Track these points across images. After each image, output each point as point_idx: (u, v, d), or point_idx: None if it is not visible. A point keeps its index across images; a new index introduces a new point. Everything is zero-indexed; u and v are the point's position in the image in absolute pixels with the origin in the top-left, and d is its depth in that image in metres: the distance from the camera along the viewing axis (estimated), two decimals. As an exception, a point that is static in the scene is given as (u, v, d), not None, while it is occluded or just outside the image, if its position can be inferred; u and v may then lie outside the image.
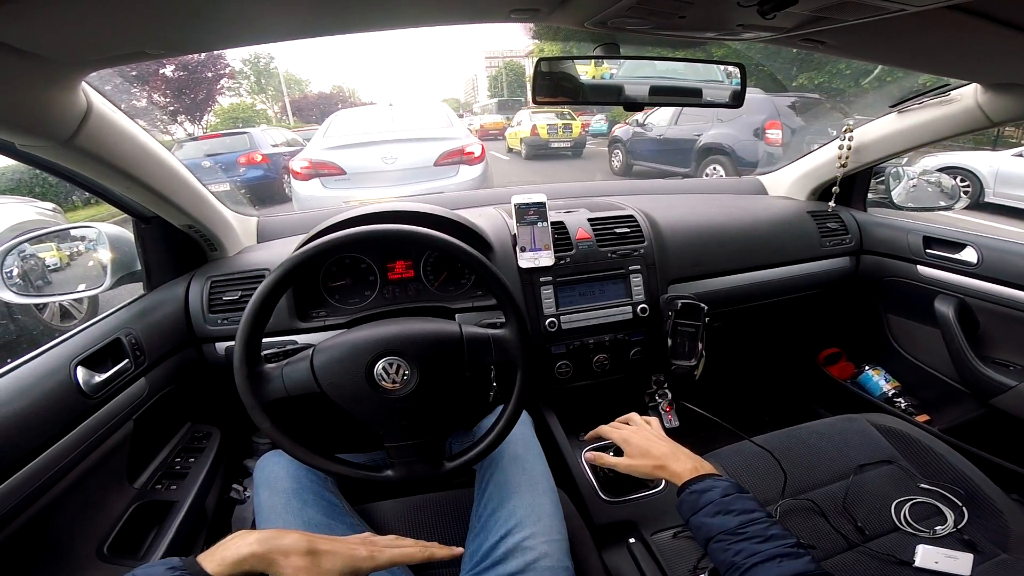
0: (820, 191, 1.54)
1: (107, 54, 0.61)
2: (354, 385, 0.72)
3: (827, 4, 0.53)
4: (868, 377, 1.51)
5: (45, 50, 0.56)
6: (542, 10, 0.62)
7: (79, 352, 0.83)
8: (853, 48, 0.78)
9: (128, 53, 0.62)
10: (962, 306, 1.26)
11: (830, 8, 0.55)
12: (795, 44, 0.73)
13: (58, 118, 0.68)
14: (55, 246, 1.02)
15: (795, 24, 0.61)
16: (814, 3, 0.53)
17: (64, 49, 0.57)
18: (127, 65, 0.65)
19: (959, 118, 1.10)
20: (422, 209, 1.08)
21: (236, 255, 1.19)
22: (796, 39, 0.69)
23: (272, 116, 32.98)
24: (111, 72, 0.73)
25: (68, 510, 0.80)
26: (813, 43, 0.71)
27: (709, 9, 0.59)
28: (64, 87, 0.66)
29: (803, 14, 0.56)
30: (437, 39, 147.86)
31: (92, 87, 0.73)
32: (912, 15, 0.54)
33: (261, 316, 0.71)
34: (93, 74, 0.68)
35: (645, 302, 1.16)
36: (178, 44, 0.64)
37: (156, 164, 0.91)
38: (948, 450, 1.00)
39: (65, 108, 0.68)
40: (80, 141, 0.72)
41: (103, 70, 0.66)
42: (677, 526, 1.02)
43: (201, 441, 1.12)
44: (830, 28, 0.62)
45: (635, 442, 0.82)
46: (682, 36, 0.71)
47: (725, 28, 0.66)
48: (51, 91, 0.64)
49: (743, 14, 0.58)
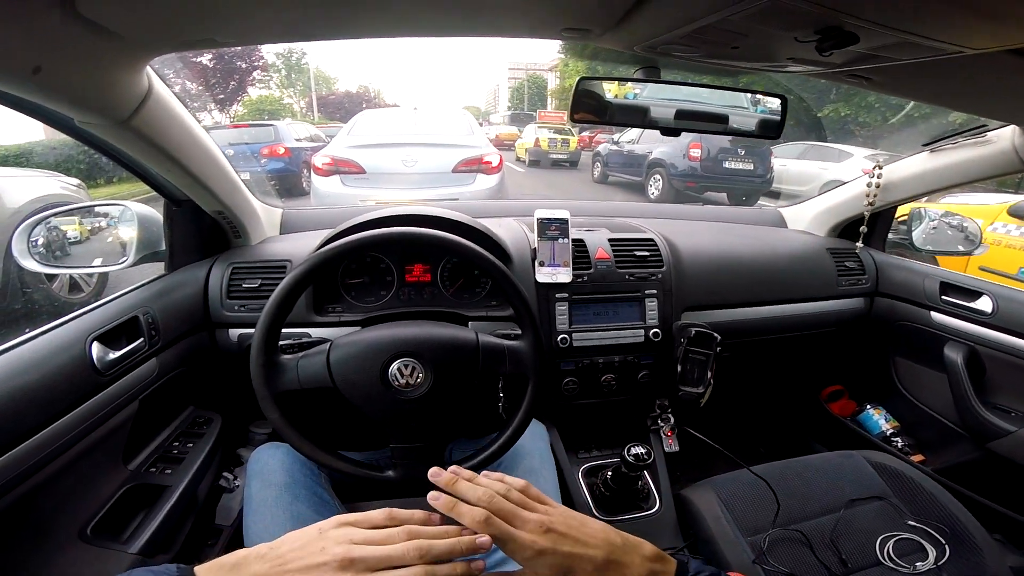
0: (841, 228, 1.53)
1: (179, 39, 0.63)
2: (368, 383, 0.72)
3: (887, 43, 0.53)
4: (868, 416, 1.51)
5: (123, 29, 0.57)
6: (594, 31, 0.63)
7: (96, 327, 0.83)
8: (898, 85, 0.78)
9: (198, 39, 0.64)
10: (971, 353, 1.26)
11: (887, 47, 0.55)
12: (839, 79, 0.73)
13: (120, 98, 0.70)
14: (78, 220, 1.04)
15: (845, 60, 0.62)
16: (875, 41, 0.53)
17: (141, 30, 0.59)
18: (192, 51, 0.68)
19: (994, 160, 1.10)
20: (448, 215, 1.09)
21: (259, 244, 1.20)
22: (843, 75, 0.69)
23: (298, 111, 33.53)
24: (171, 58, 0.76)
25: (58, 488, 0.79)
26: (858, 79, 0.72)
27: (764, 42, 0.59)
28: (131, 68, 0.67)
29: (858, 52, 0.57)
30: (463, 47, 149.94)
31: (154, 71, 0.75)
32: (964, 56, 0.54)
33: (285, 306, 0.72)
34: (157, 58, 0.70)
35: (658, 327, 1.16)
36: (247, 34, 0.66)
37: (200, 151, 0.93)
38: (939, 489, 1.02)
39: (128, 89, 0.70)
40: (136, 122, 0.74)
41: (168, 55, 0.68)
42: (667, 549, 1.03)
43: (201, 427, 1.11)
44: (879, 66, 0.62)
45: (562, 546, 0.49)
46: (728, 65, 0.71)
47: (775, 61, 0.66)
48: (118, 71, 0.66)
49: (798, 49, 0.58)
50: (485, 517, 0.47)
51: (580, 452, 1.23)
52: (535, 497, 0.54)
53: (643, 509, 1.11)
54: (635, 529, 1.06)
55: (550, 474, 0.91)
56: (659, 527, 1.09)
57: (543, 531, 0.48)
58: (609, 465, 1.14)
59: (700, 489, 1.06)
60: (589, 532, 0.51)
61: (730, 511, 0.98)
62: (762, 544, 0.91)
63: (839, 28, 0.51)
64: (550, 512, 0.51)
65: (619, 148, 9.10)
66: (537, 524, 0.48)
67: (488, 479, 0.53)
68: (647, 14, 0.56)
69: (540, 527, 0.48)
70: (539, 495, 0.54)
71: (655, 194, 7.94)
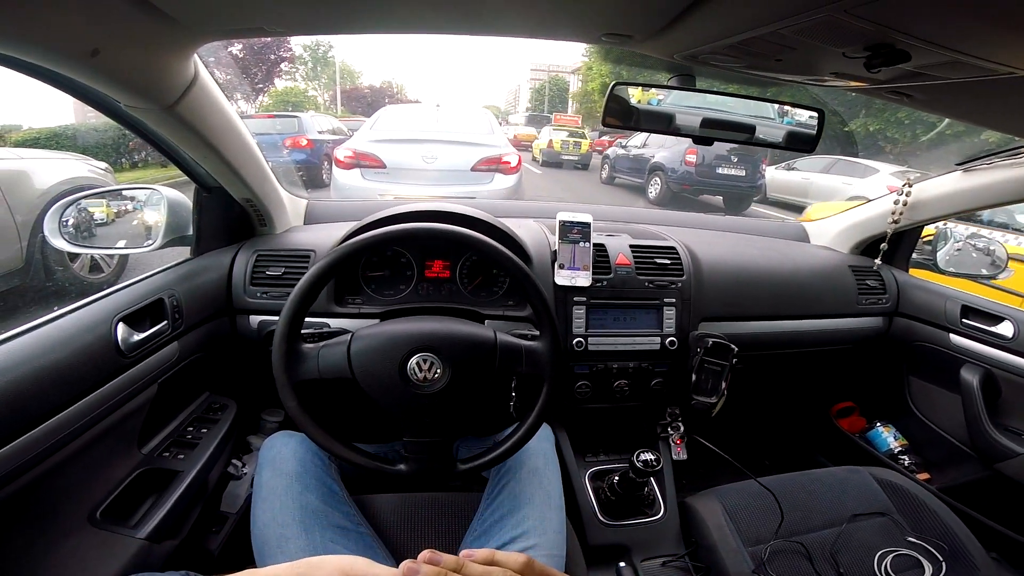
0: (864, 245, 1.51)
1: (229, 25, 0.64)
2: (386, 376, 0.73)
3: (937, 62, 0.52)
4: (878, 433, 1.50)
5: (179, 12, 0.58)
6: (635, 37, 0.63)
7: (122, 308, 0.84)
8: (939, 104, 0.77)
9: (248, 27, 0.65)
10: (988, 376, 1.25)
11: (935, 66, 0.54)
12: (879, 95, 0.72)
13: (168, 83, 0.71)
14: (106, 203, 1.05)
15: (890, 77, 0.61)
16: (924, 60, 0.52)
17: (195, 14, 0.60)
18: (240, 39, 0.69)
19: None
20: (470, 213, 1.09)
21: (283, 233, 1.22)
22: (884, 90, 0.68)
23: (321, 103, 33.84)
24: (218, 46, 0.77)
25: (73, 469, 0.78)
26: (900, 96, 0.70)
27: (811, 56, 0.59)
28: (179, 54, 0.69)
29: (905, 69, 0.56)
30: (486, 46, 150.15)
31: (200, 59, 0.77)
32: (1012, 78, 0.53)
33: (311, 295, 0.73)
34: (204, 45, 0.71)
35: (675, 336, 1.16)
36: (294, 24, 0.66)
37: (236, 139, 0.94)
38: (941, 507, 1.03)
39: (176, 74, 0.71)
40: (180, 108, 0.75)
41: (215, 42, 0.69)
42: (668, 555, 1.04)
43: (216, 412, 1.12)
44: (924, 84, 0.61)
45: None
46: (767, 77, 0.70)
47: (818, 74, 0.65)
48: (168, 56, 0.67)
49: (845, 64, 0.57)
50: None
51: (588, 456, 1.23)
52: (539, 572, 0.46)
53: (647, 515, 1.11)
54: (638, 534, 1.08)
55: (554, 475, 0.91)
56: (662, 534, 1.09)
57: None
58: (616, 470, 1.14)
59: (705, 498, 1.07)
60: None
61: (733, 520, 0.99)
62: (762, 555, 0.92)
63: (891, 46, 0.50)
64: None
65: (626, 152, 9.65)
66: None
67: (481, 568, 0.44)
68: (693, 23, 0.56)
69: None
70: (543, 570, 0.47)
71: (653, 195, 8.41)
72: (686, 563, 1.02)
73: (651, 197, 8.40)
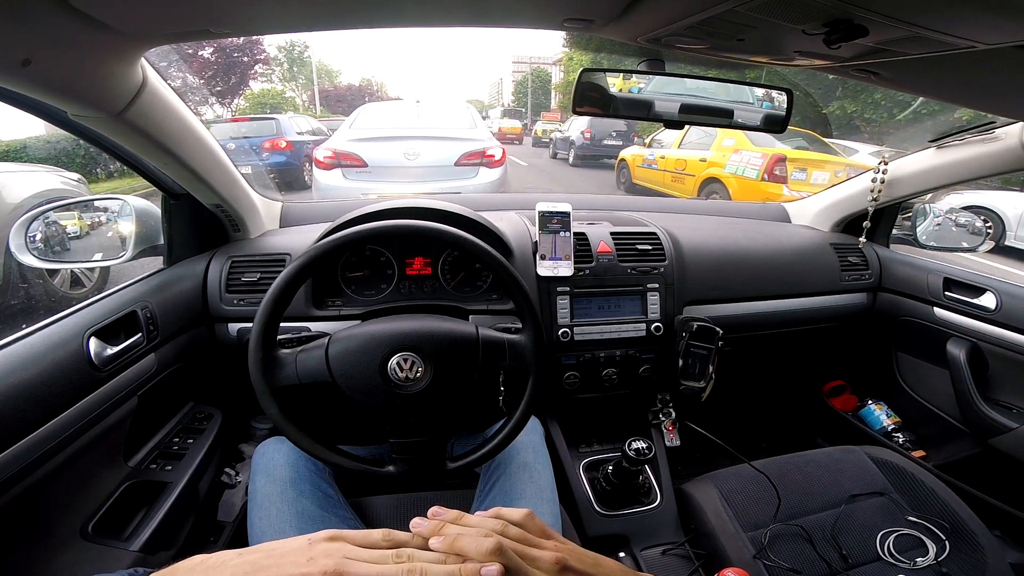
0: (845, 223, 1.52)
1: (173, 29, 0.62)
2: (367, 378, 0.72)
3: (896, 37, 0.52)
4: (870, 411, 1.51)
5: (116, 21, 0.56)
6: (597, 21, 0.62)
7: (93, 323, 0.82)
8: (906, 81, 0.77)
9: (193, 30, 0.63)
10: (974, 350, 1.25)
11: (897, 41, 0.54)
12: (846, 74, 0.72)
13: (113, 90, 0.69)
14: (77, 215, 1.03)
15: (854, 54, 0.60)
16: (884, 35, 0.52)
17: (134, 21, 0.58)
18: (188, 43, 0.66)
19: (1001, 157, 1.09)
20: (448, 208, 1.08)
21: (258, 237, 1.20)
22: (850, 68, 0.68)
23: (300, 104, 33.47)
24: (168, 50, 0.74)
25: (58, 485, 0.78)
26: (866, 73, 0.70)
27: (771, 34, 0.58)
28: (124, 60, 0.66)
29: (866, 45, 0.55)
30: (467, 40, 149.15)
31: (149, 63, 0.74)
32: (975, 52, 0.53)
33: (283, 300, 0.71)
34: (152, 50, 0.68)
35: (660, 321, 1.16)
36: (243, 25, 0.64)
37: (197, 144, 0.92)
38: (939, 485, 1.02)
39: (122, 81, 0.69)
40: (130, 115, 0.73)
41: (163, 46, 0.66)
42: (667, 543, 1.03)
43: (202, 422, 1.11)
44: (887, 60, 0.60)
45: None
46: (734, 59, 0.70)
47: (782, 54, 0.65)
48: (112, 63, 0.65)
49: (805, 41, 0.57)
50: (496, 545, 0.40)
51: (581, 446, 1.23)
52: (539, 529, 0.47)
53: (644, 504, 1.11)
54: (636, 523, 1.07)
55: (545, 469, 0.90)
56: (660, 522, 1.09)
57: (559, 569, 0.42)
58: (610, 459, 1.14)
59: (701, 483, 1.06)
60: (605, 571, 0.46)
61: (731, 506, 0.98)
62: (763, 539, 0.91)
63: (848, 21, 0.50)
64: (560, 548, 0.45)
65: (560, 135, 12.76)
66: (552, 561, 0.42)
67: (481, 517, 0.46)
68: (652, 4, 0.55)
69: (555, 564, 0.42)
70: (543, 527, 0.48)
71: (570, 160, 11.51)
72: (686, 550, 1.01)
73: (570, 162, 11.53)
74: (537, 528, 0.47)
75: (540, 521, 0.48)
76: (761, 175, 5.15)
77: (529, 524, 0.47)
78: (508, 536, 0.44)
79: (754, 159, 5.29)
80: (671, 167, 6.48)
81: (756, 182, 5.15)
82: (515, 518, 0.47)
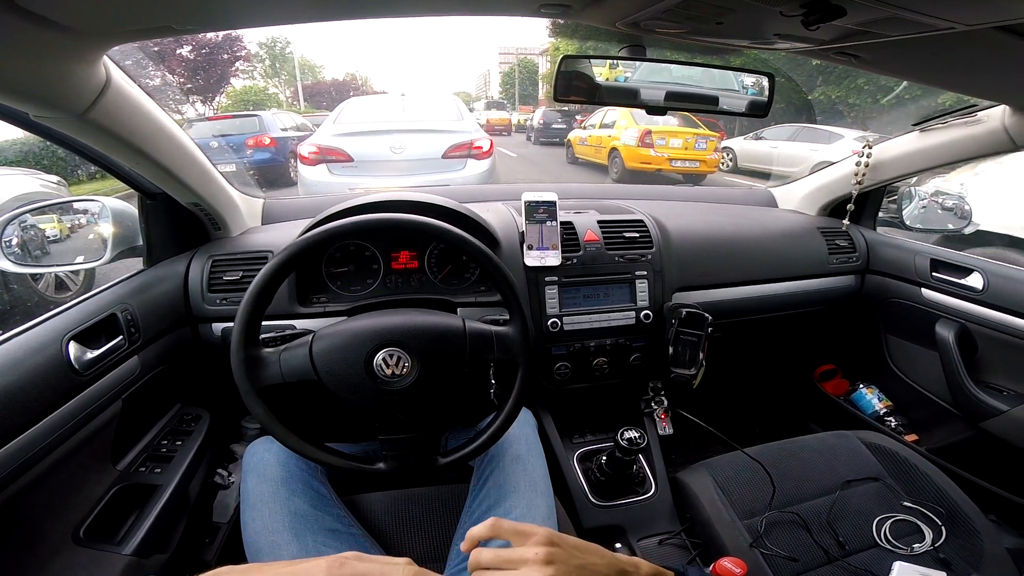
0: (831, 207, 1.53)
1: (133, 27, 0.60)
2: (352, 375, 0.71)
3: (874, 18, 0.52)
4: (861, 395, 1.51)
5: (71, 21, 0.54)
6: (573, 7, 0.61)
7: (72, 327, 0.81)
8: (887, 64, 0.77)
9: (154, 27, 0.61)
10: (963, 331, 1.25)
11: (876, 22, 0.53)
12: (827, 57, 0.71)
13: (75, 90, 0.67)
14: (56, 218, 1.01)
15: (833, 37, 0.60)
16: (861, 16, 0.51)
17: (90, 20, 0.56)
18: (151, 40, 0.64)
19: (983, 140, 1.09)
20: (431, 200, 1.07)
21: (240, 235, 1.17)
22: (830, 52, 0.68)
23: (284, 100, 33.13)
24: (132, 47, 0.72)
25: (46, 491, 0.77)
26: (847, 56, 0.70)
27: (749, 17, 0.57)
28: (85, 60, 0.64)
29: (845, 27, 0.55)
30: (452, 31, 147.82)
31: (113, 61, 0.72)
32: (955, 34, 0.53)
33: (263, 298, 0.70)
34: (115, 48, 0.66)
35: (649, 308, 1.15)
36: (206, 20, 0.62)
37: (168, 142, 0.90)
38: (933, 469, 1.02)
39: (83, 81, 0.67)
40: (94, 115, 0.71)
41: (126, 44, 0.64)
42: (663, 533, 1.03)
43: (190, 424, 1.10)
44: (868, 43, 0.60)
45: None
46: (714, 42, 0.69)
47: (761, 36, 0.64)
48: (71, 63, 0.63)
49: (784, 24, 0.56)
50: None
51: (575, 437, 1.22)
52: (511, 532, 0.48)
53: (639, 493, 1.11)
54: (632, 514, 1.07)
55: (538, 461, 0.90)
56: (656, 511, 1.08)
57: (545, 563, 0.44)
58: (604, 450, 1.14)
59: (695, 472, 1.06)
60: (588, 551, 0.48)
61: (726, 494, 0.98)
62: (759, 527, 0.91)
63: (825, 1, 0.50)
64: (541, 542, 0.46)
65: (531, 123, 15.78)
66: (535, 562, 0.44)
67: None
68: None
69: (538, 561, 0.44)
70: (514, 528, 0.48)
71: (533, 142, 14.58)
72: (683, 540, 1.01)
73: (533, 143, 14.50)
74: (509, 532, 0.48)
75: (508, 523, 0.48)
76: (638, 143, 7.91)
77: (500, 533, 0.47)
78: (482, 563, 0.45)
79: (634, 132, 7.98)
80: (594, 143, 9.30)
81: (635, 148, 7.95)
82: (484, 533, 0.48)
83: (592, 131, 9.37)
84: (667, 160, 7.78)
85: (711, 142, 7.89)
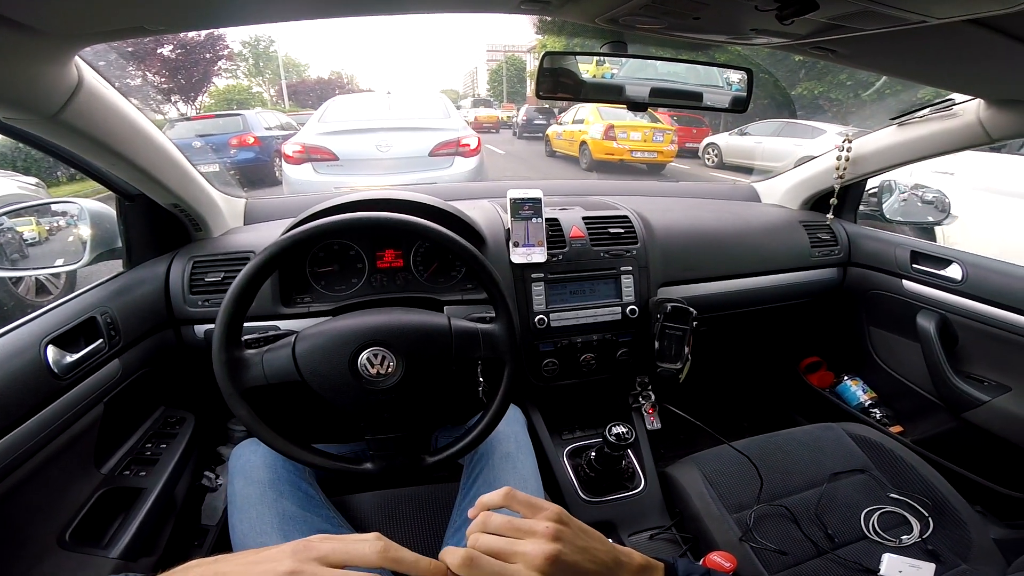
0: (813, 201, 1.55)
1: (104, 28, 0.58)
2: (336, 375, 0.70)
3: (847, 12, 0.52)
4: (846, 387, 1.53)
5: (40, 23, 0.53)
6: (553, 2, 0.61)
7: (50, 330, 0.80)
8: (863, 58, 0.78)
9: (126, 28, 0.60)
10: (943, 322, 1.27)
11: (849, 16, 0.54)
12: (805, 52, 0.72)
13: (46, 92, 0.65)
14: (35, 220, 1.00)
15: (809, 31, 0.60)
16: (835, 10, 0.52)
17: (60, 21, 0.54)
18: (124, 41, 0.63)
19: (959, 133, 1.11)
20: (416, 198, 1.06)
21: (221, 236, 1.16)
22: (808, 47, 0.68)
23: (268, 99, 32.76)
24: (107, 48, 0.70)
25: (29, 495, 0.77)
26: (824, 51, 0.70)
27: (725, 11, 0.58)
28: (56, 61, 0.63)
29: (820, 21, 0.55)
30: (440, 29, 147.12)
31: (85, 61, 0.71)
32: (928, 28, 0.53)
33: (244, 299, 0.69)
34: (87, 48, 0.65)
35: (635, 304, 1.16)
36: (178, 20, 0.61)
37: (144, 142, 0.89)
38: (919, 461, 1.03)
39: (54, 82, 0.65)
40: (67, 116, 0.69)
41: (99, 45, 0.63)
42: (654, 528, 1.04)
43: (174, 426, 1.09)
44: (844, 37, 0.61)
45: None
46: (693, 38, 0.69)
47: (738, 31, 0.65)
48: (41, 64, 0.61)
49: (759, 18, 0.56)
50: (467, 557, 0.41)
51: (564, 434, 1.23)
52: (523, 504, 0.47)
53: (628, 489, 1.11)
54: (622, 509, 1.08)
55: (527, 458, 0.90)
56: (646, 506, 1.09)
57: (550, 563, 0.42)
58: (593, 446, 1.14)
59: (684, 466, 1.06)
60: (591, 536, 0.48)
61: (714, 488, 0.98)
62: (748, 521, 0.91)
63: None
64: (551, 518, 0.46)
65: (516, 120, 17.12)
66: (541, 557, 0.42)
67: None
68: None
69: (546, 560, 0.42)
70: (528, 500, 0.48)
71: (517, 136, 15.81)
72: (673, 534, 1.01)
73: (517, 137, 15.61)
74: (522, 503, 0.48)
75: (523, 496, 0.48)
76: (602, 136, 8.69)
77: (512, 503, 0.48)
78: (490, 528, 0.45)
79: (599, 127, 8.79)
80: (567, 137, 10.21)
81: (600, 140, 8.73)
82: (496, 501, 0.48)
83: (567, 127, 10.39)
84: (628, 152, 8.71)
85: (667, 135, 8.85)
